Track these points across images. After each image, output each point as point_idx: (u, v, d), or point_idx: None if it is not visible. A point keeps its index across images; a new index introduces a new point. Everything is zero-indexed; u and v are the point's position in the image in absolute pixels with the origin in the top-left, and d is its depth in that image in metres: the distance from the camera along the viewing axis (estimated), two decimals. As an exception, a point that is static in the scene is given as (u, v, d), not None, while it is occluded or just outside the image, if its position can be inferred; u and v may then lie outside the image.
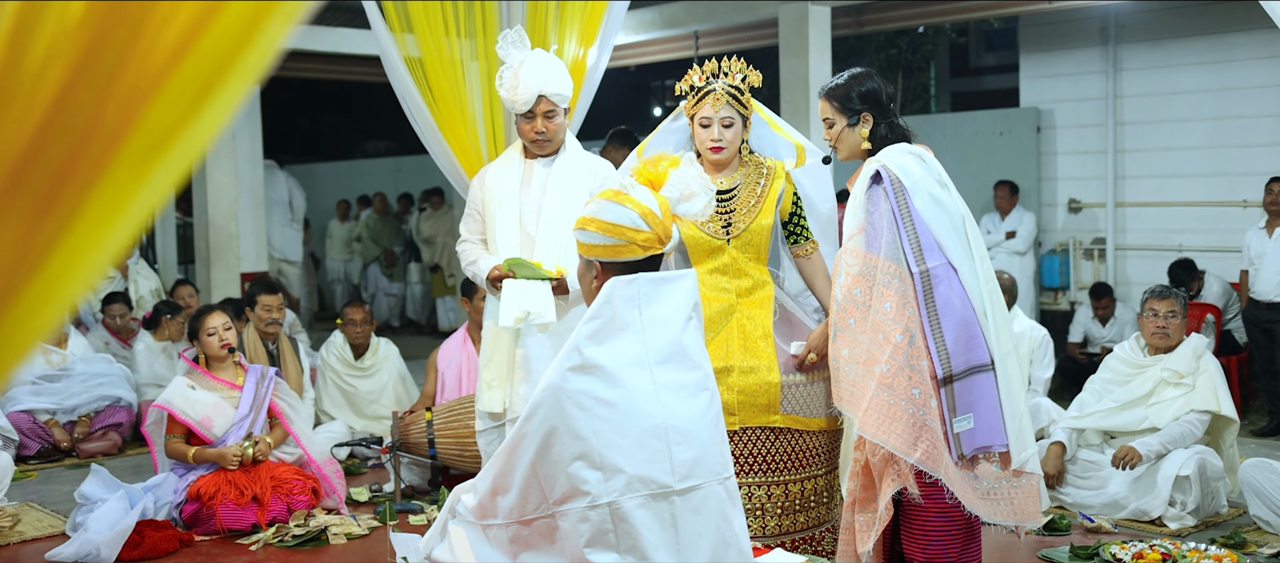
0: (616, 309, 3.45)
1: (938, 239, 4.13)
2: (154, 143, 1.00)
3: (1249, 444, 7.70)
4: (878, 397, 4.03)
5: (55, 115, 0.98)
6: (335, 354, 8.28)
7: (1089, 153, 11.30)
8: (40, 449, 7.95)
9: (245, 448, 6.07)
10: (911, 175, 4.19)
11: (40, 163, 0.98)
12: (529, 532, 3.45)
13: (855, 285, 4.18)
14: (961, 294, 4.09)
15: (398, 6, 6.48)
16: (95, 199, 0.99)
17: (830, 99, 4.43)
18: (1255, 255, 8.46)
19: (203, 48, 1.03)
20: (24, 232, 0.97)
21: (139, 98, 1.00)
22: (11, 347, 0.99)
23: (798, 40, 10.44)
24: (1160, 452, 5.97)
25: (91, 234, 0.99)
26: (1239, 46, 10.33)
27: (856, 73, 4.47)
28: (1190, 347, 6.28)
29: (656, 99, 21.73)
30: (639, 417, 3.36)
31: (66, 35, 0.99)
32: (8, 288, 0.97)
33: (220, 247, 10.29)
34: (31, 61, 0.97)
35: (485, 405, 5.19)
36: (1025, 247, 10.95)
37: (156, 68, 1.01)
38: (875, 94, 4.40)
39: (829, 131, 4.46)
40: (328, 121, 23.48)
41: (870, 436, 4.03)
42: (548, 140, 5.09)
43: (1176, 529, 5.82)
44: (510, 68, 5.01)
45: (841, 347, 4.22)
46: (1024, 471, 4.17)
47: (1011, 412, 4.13)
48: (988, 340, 4.10)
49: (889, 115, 4.42)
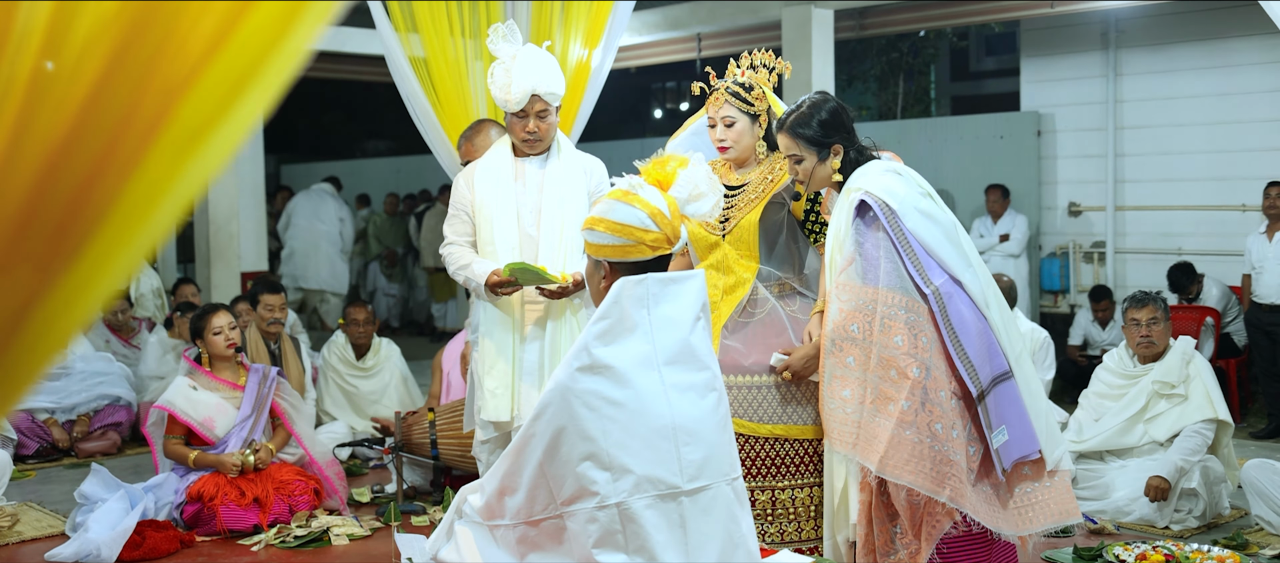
0: (625, 309, 3.45)
1: (937, 256, 4.03)
2: (189, 137, 1.00)
3: (1249, 447, 7.71)
4: (899, 436, 3.88)
5: (91, 109, 0.98)
6: (337, 354, 8.27)
7: (1089, 157, 11.31)
8: (39, 449, 7.92)
9: (246, 456, 6.05)
10: (897, 196, 4.07)
11: (76, 156, 0.98)
12: (537, 533, 3.45)
13: (850, 321, 4.04)
14: (971, 305, 4.01)
15: (403, 6, 6.48)
16: (130, 192, 0.99)
17: (797, 136, 4.24)
18: (1257, 260, 8.50)
19: (237, 43, 1.03)
20: (60, 224, 0.97)
21: (174, 92, 1.00)
22: (52, 335, 0.99)
23: (801, 43, 10.46)
24: (1182, 468, 5.91)
25: (127, 227, 0.99)
26: (1239, 52, 10.35)
27: (816, 100, 4.29)
28: (1178, 353, 6.24)
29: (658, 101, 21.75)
30: (648, 417, 3.36)
31: (102, 29, 0.99)
32: (46, 279, 0.97)
33: (221, 246, 10.28)
34: (68, 55, 0.97)
35: (490, 415, 4.96)
36: (1019, 249, 10.96)
37: (191, 62, 1.01)
38: (839, 118, 4.24)
39: (797, 168, 4.29)
40: (329, 121, 23.48)
41: (894, 477, 3.89)
42: (539, 140, 4.92)
43: (1179, 531, 5.83)
44: (502, 65, 4.83)
45: (840, 388, 4.05)
46: (1059, 469, 4.11)
47: (1036, 412, 4.05)
48: (1002, 346, 4.03)
49: (855, 137, 4.28)
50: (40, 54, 0.99)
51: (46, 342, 1.00)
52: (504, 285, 4.73)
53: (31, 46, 1.00)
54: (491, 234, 4.94)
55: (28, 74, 1.00)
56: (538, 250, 4.89)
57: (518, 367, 4.91)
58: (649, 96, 21.91)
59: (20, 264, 0.97)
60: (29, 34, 1.00)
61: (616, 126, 19.01)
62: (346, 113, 23.08)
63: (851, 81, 17.78)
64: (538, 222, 4.90)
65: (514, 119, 4.90)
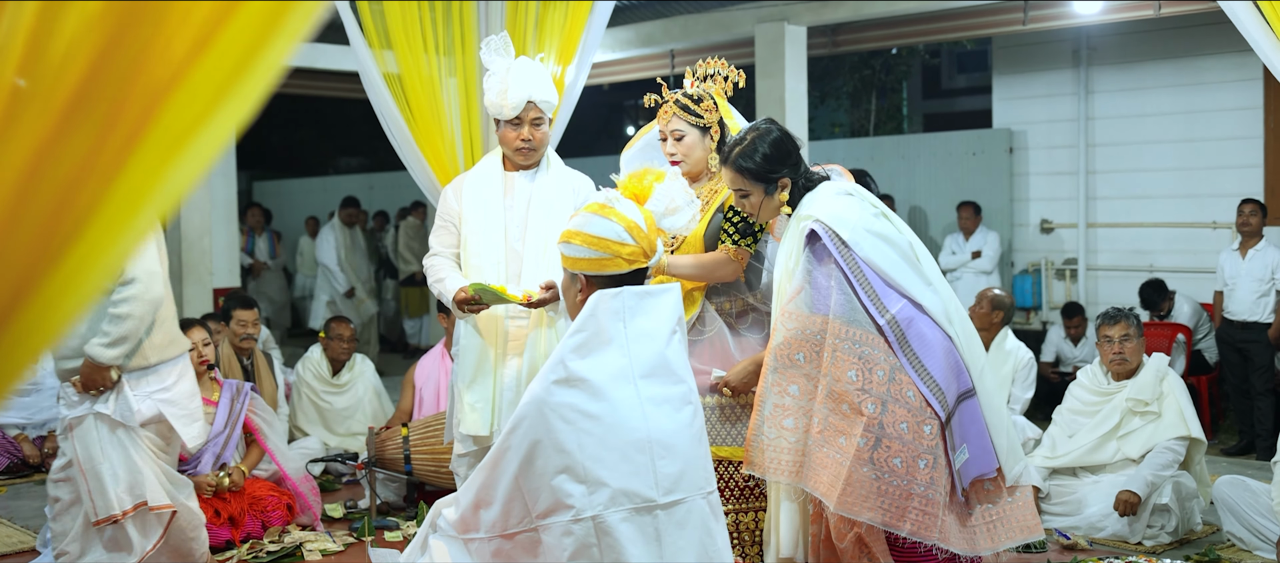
0: (601, 323, 3.45)
1: (893, 281, 3.94)
2: (173, 139, 1.00)
3: (1220, 463, 7.76)
4: (857, 472, 3.79)
5: (75, 110, 0.98)
6: (311, 370, 8.24)
7: (1061, 174, 11.39)
8: (9, 465, 7.87)
9: (221, 478, 6.02)
10: (848, 223, 3.96)
11: (60, 158, 0.98)
12: (512, 546, 3.44)
13: (796, 350, 3.94)
14: (933, 326, 3.94)
15: (377, 22, 6.47)
16: (116, 192, 0.98)
17: (741, 172, 4.11)
18: (1229, 277, 8.56)
19: (221, 45, 1.03)
20: (44, 226, 0.97)
21: (158, 93, 1.00)
22: (33, 339, 0.99)
23: (774, 60, 10.50)
24: (1153, 483, 5.95)
25: (110, 230, 0.99)
26: (1208, 70, 10.45)
27: (759, 131, 4.15)
28: (1152, 370, 6.27)
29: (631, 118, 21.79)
30: (623, 430, 3.36)
31: (87, 31, 0.99)
32: (28, 282, 0.97)
33: (193, 262, 10.24)
34: (53, 56, 0.97)
35: (469, 428, 4.89)
36: (991, 265, 11.01)
37: (175, 64, 1.01)
38: (783, 147, 4.12)
39: (744, 202, 4.17)
40: (301, 137, 23.41)
41: (852, 514, 3.80)
42: (532, 150, 4.89)
43: (1152, 547, 5.86)
44: (497, 73, 4.83)
45: (782, 417, 3.95)
46: (1019, 485, 4.07)
47: (997, 428, 4.01)
48: (966, 362, 3.99)
49: (800, 165, 4.17)
50: (21, 61, 0.99)
51: (24, 348, 1.00)
52: (469, 303, 4.71)
53: (14, 52, 1.00)
54: (476, 247, 4.91)
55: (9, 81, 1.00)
56: (522, 265, 4.85)
57: (498, 381, 4.89)
58: (622, 113, 21.95)
59: (5, 266, 0.97)
60: (12, 39, 1.00)
61: (590, 143, 19.03)
62: (319, 129, 23.01)
63: (824, 98, 17.86)
64: (523, 237, 4.87)
65: (507, 128, 4.87)
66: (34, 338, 0.98)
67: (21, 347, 0.99)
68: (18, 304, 0.98)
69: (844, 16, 10.53)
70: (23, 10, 0.98)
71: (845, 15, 10.49)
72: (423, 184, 6.73)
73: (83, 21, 0.99)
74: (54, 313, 0.98)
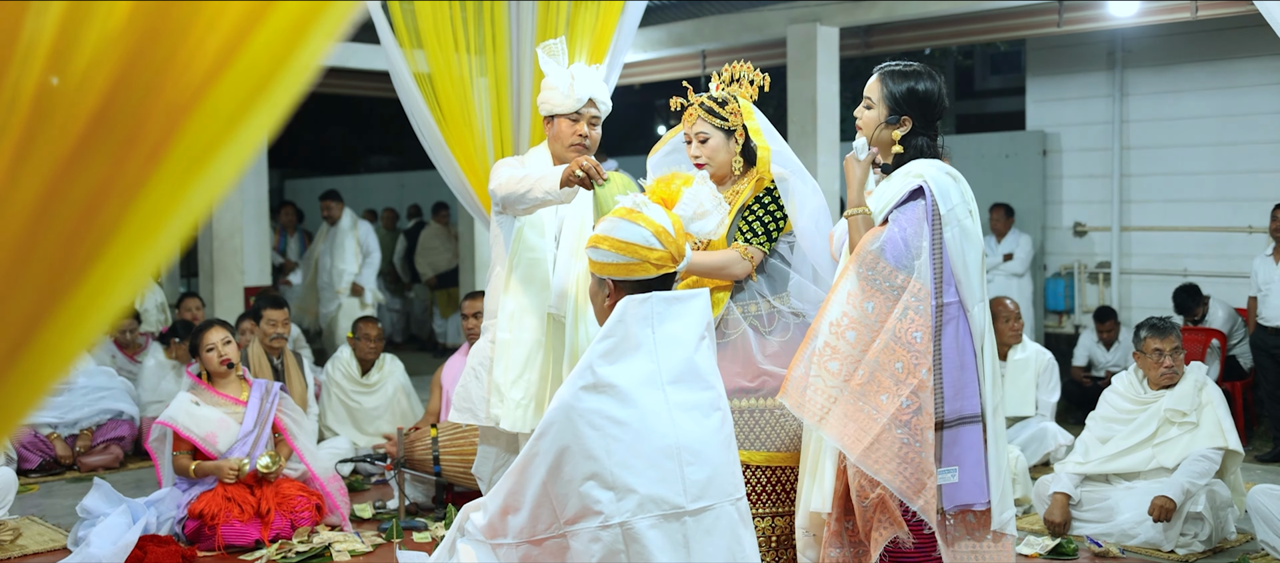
0: (629, 328, 3.44)
1: (957, 275, 3.85)
2: (197, 154, 0.99)
3: (1254, 470, 7.68)
4: (891, 432, 3.66)
5: (98, 125, 0.97)
6: (341, 370, 8.26)
7: (1095, 177, 11.30)
8: (42, 463, 7.92)
9: (243, 462, 6.03)
10: (949, 201, 3.88)
11: (83, 173, 0.96)
12: (540, 552, 3.43)
13: (867, 299, 3.79)
14: (966, 337, 3.84)
15: (408, 22, 6.48)
16: (137, 210, 0.97)
17: (881, 82, 4.02)
18: (1263, 282, 8.48)
19: (245, 59, 1.01)
20: (65, 243, 0.96)
21: (182, 108, 0.99)
22: (56, 357, 0.98)
23: (806, 61, 10.46)
24: (1189, 490, 5.87)
25: (133, 246, 0.97)
26: (1245, 72, 10.34)
27: (921, 71, 4.02)
28: (1192, 380, 6.17)
29: (662, 118, 21.78)
30: (652, 436, 3.35)
31: (109, 45, 0.97)
32: (50, 299, 0.96)
33: (224, 261, 10.28)
34: (75, 71, 0.96)
35: (510, 424, 4.77)
36: (1023, 268, 10.94)
37: (199, 78, 1.00)
38: (929, 99, 4.00)
39: (862, 111, 4.08)
40: (331, 136, 23.50)
41: (873, 471, 3.65)
42: (587, 147, 4.83)
43: (1184, 555, 5.80)
44: (560, 71, 4.82)
45: (829, 360, 3.80)
46: (1005, 533, 3.91)
47: (997, 468, 3.87)
48: (982, 390, 3.87)
49: (931, 127, 4.07)
50: (46, 69, 0.98)
51: (50, 364, 0.99)
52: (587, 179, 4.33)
53: (37, 62, 0.99)
54: (566, 223, 4.83)
55: (33, 91, 0.99)
56: (554, 262, 4.83)
57: (547, 378, 4.79)
58: (653, 113, 21.93)
59: (24, 286, 0.95)
60: (34, 49, 0.98)
61: (621, 143, 19.02)
62: (349, 127, 23.09)
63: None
64: (560, 234, 4.85)
65: (565, 122, 4.82)
66: (56, 356, 0.97)
67: (45, 364, 0.98)
68: (40, 322, 0.97)
69: (877, 18, 10.48)
70: (44, 23, 0.97)
71: (878, 16, 10.44)
72: (453, 184, 6.73)
73: (106, 34, 0.98)
74: (76, 330, 0.97)
